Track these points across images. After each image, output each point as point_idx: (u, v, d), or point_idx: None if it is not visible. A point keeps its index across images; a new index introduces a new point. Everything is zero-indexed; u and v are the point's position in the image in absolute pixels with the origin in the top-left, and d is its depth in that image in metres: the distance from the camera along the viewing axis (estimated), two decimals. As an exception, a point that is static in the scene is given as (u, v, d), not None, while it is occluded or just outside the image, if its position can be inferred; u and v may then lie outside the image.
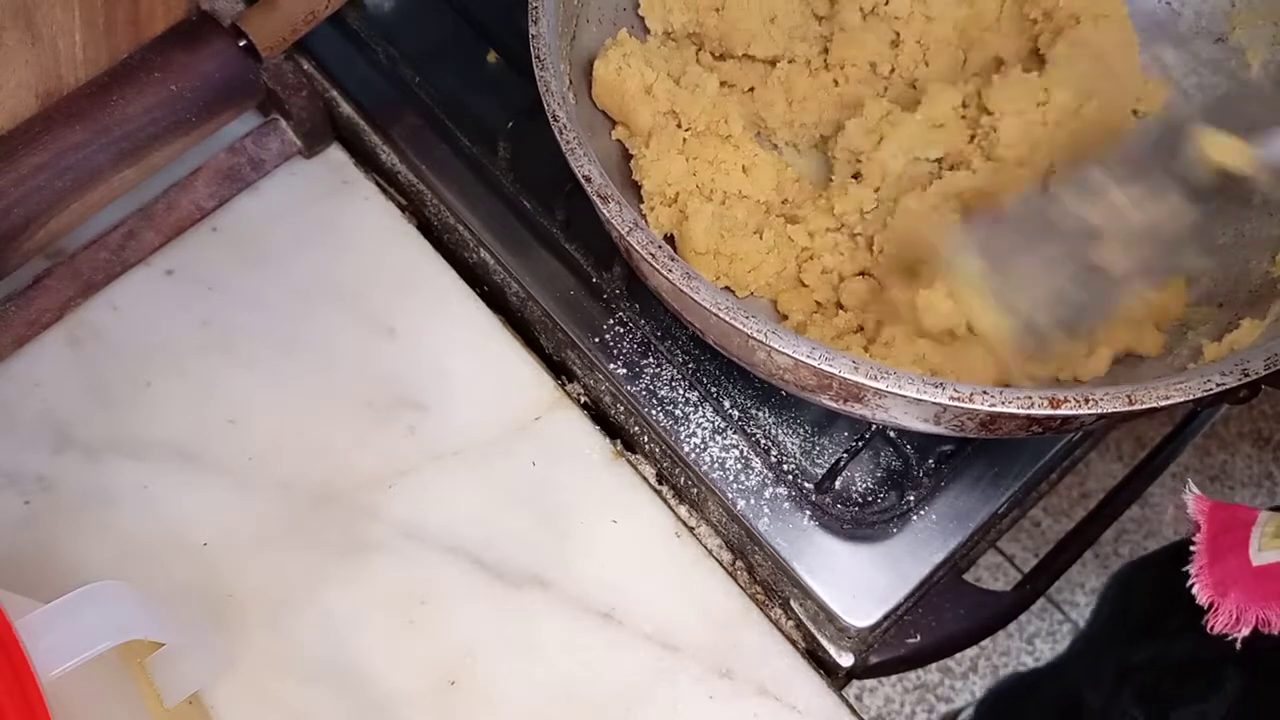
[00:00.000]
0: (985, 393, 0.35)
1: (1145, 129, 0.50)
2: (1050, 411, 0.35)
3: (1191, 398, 0.35)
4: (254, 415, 0.51)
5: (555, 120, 0.41)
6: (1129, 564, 0.84)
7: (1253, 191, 0.49)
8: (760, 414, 0.51)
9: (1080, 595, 1.28)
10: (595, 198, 0.40)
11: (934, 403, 0.35)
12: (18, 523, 0.48)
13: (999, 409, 0.35)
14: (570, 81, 0.47)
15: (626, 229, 0.39)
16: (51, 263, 0.52)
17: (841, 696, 0.46)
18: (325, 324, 0.53)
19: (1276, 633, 0.41)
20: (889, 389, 0.35)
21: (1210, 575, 0.42)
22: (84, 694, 0.38)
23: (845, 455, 0.49)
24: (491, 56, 0.60)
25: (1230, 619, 0.41)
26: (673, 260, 0.38)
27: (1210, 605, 0.42)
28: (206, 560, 0.48)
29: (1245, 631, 0.41)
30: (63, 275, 0.52)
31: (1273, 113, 0.49)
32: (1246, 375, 0.36)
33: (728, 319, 0.37)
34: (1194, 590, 0.42)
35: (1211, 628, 0.42)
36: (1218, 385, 0.35)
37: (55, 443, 0.50)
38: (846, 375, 0.36)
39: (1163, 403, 0.35)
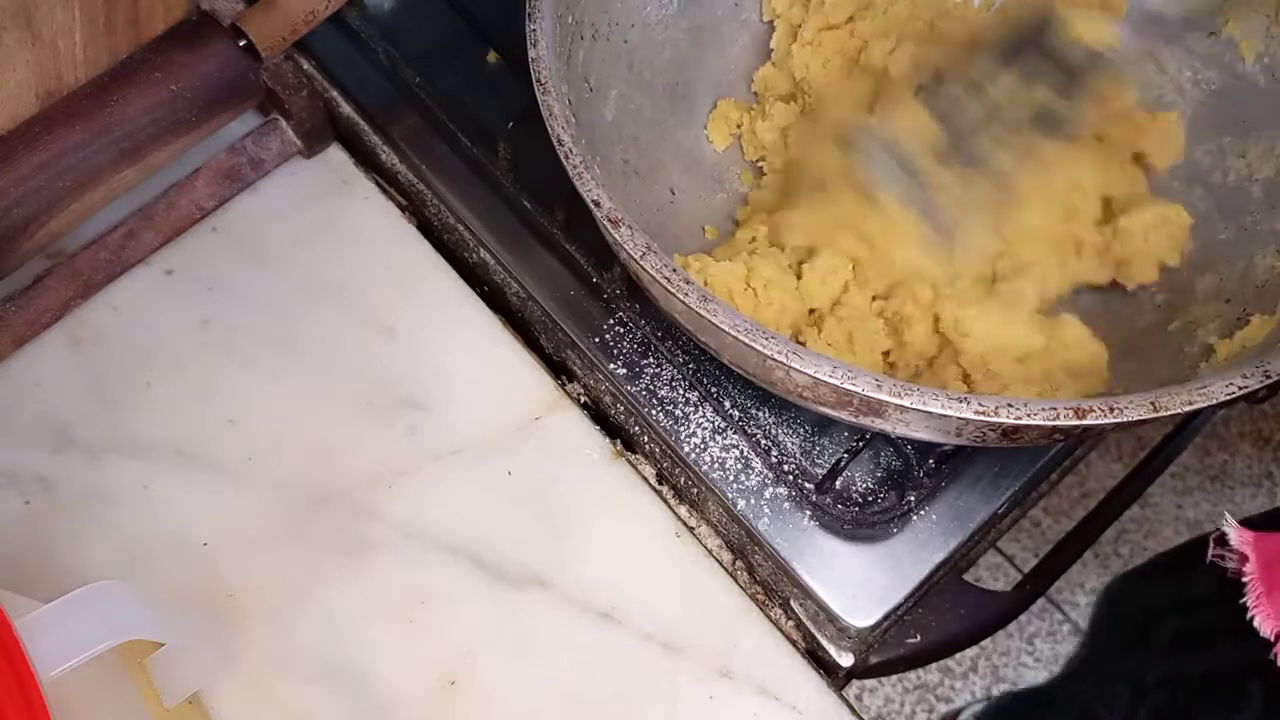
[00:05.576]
0: (1010, 405, 0.34)
1: (1016, 18, 0.53)
2: (1075, 421, 0.34)
3: (1215, 402, 0.35)
4: (254, 415, 0.51)
5: (560, 145, 0.41)
6: (1118, 579, 0.83)
7: (1254, 183, 0.49)
8: (760, 414, 0.51)
9: (1080, 595, 1.28)
10: (605, 222, 0.39)
11: (959, 417, 0.35)
12: (18, 523, 0.48)
13: (1024, 421, 0.34)
14: (571, 102, 0.46)
15: (640, 253, 0.38)
16: (51, 263, 0.52)
17: (841, 696, 0.46)
18: (325, 324, 0.53)
19: None
20: (913, 405, 0.35)
21: (1271, 606, 0.41)
22: (84, 694, 0.38)
23: (845, 455, 0.49)
24: (491, 56, 0.60)
25: None
26: (688, 284, 0.37)
27: (1277, 637, 0.40)
28: (206, 560, 0.48)
29: None
30: (63, 275, 0.52)
31: (1268, 105, 0.49)
32: (1269, 376, 0.36)
33: (746, 340, 0.36)
34: (1255, 623, 0.41)
35: None
36: (1240, 388, 0.35)
37: (55, 443, 0.50)
38: (870, 394, 0.35)
39: (1187, 408, 0.35)
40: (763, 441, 0.50)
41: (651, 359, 0.51)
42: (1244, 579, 0.42)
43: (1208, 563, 0.44)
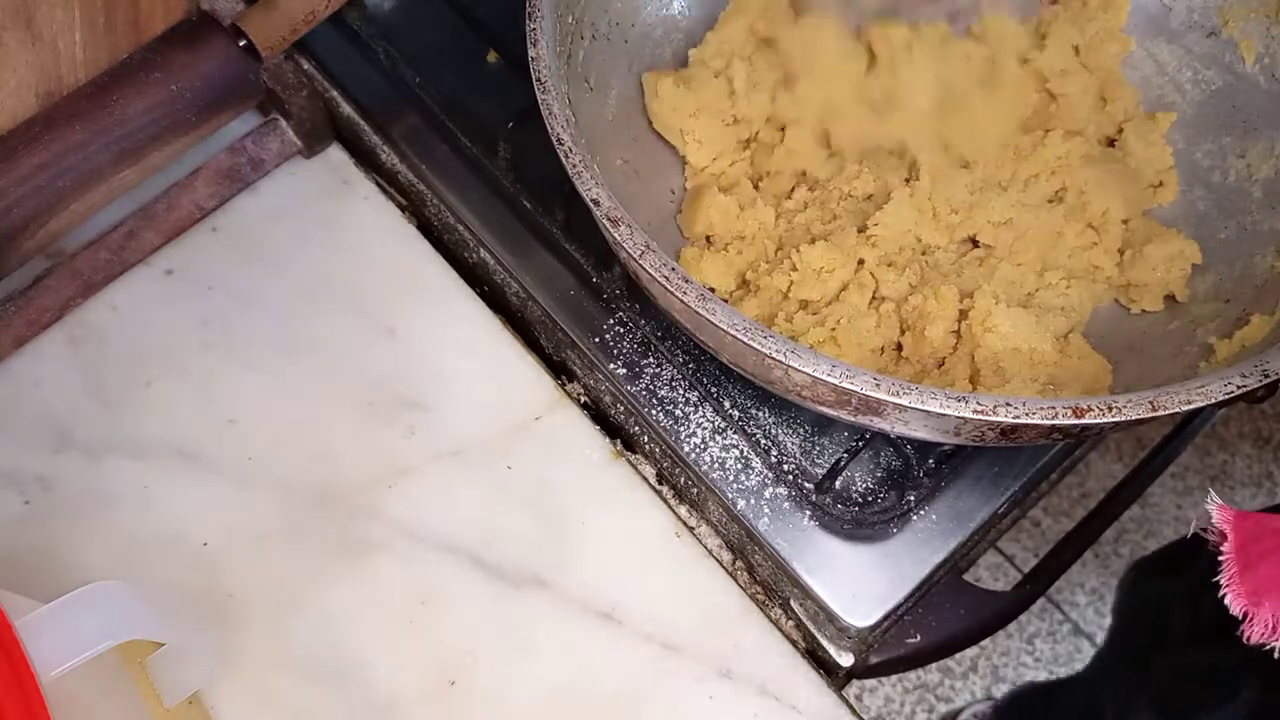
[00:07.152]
0: (1008, 404, 0.34)
1: None
2: (1074, 420, 0.34)
3: (1213, 401, 0.35)
4: (254, 415, 0.51)
5: (560, 144, 0.41)
6: (1130, 569, 0.83)
7: (1253, 183, 0.49)
8: (760, 414, 0.51)
9: (1080, 595, 1.28)
10: (605, 221, 0.39)
11: (957, 416, 0.35)
12: (18, 523, 0.48)
13: (1023, 420, 0.34)
14: (571, 101, 0.46)
15: (639, 252, 0.38)
16: (51, 263, 0.52)
17: (841, 696, 0.46)
18: (325, 324, 0.53)
19: None
20: (912, 404, 0.35)
21: (1243, 584, 0.41)
22: (84, 694, 0.38)
23: (845, 455, 0.49)
24: (491, 56, 0.60)
25: (1267, 628, 0.40)
26: (687, 282, 0.37)
27: (1244, 615, 0.40)
28: (206, 560, 0.48)
29: None
30: (63, 275, 0.52)
31: (1268, 105, 0.49)
32: (1267, 376, 0.36)
33: (745, 339, 0.36)
34: (1226, 600, 0.41)
35: (1247, 638, 0.40)
36: (1239, 388, 0.35)
37: (55, 443, 0.50)
38: (868, 393, 0.35)
39: (1185, 408, 0.35)
40: (763, 441, 0.50)
41: (651, 359, 0.51)
42: (1221, 556, 0.42)
43: (1189, 537, 0.44)
